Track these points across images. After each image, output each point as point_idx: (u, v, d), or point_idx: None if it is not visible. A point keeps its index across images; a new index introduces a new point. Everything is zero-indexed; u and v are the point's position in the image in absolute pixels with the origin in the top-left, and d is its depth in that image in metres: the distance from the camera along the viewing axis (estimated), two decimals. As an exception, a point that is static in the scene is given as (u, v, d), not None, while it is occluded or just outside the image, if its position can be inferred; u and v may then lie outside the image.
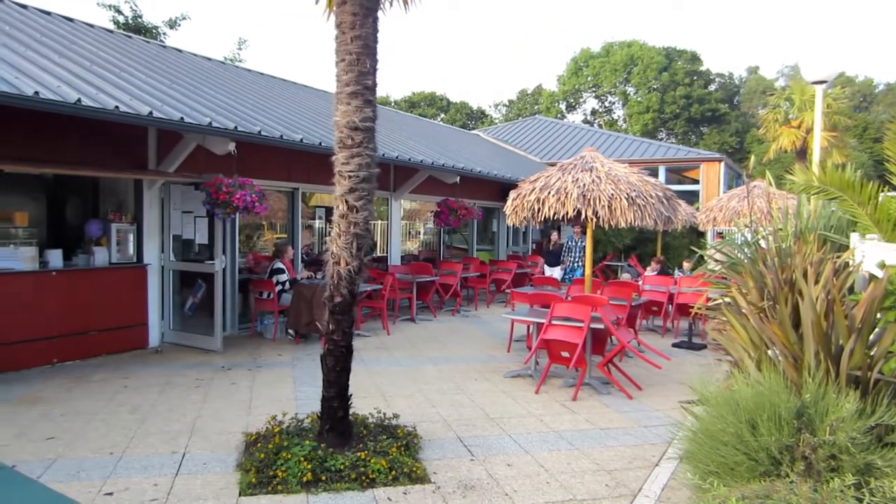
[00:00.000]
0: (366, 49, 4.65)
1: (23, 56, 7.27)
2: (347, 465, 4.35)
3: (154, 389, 6.58)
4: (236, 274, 9.80)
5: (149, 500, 4.07)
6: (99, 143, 7.96)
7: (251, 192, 7.78)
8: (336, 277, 4.75)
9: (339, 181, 4.74)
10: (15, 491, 2.22)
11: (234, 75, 13.31)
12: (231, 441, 5.13)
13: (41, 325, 7.37)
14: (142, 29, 19.95)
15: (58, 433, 5.24)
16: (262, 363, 7.89)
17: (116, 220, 8.35)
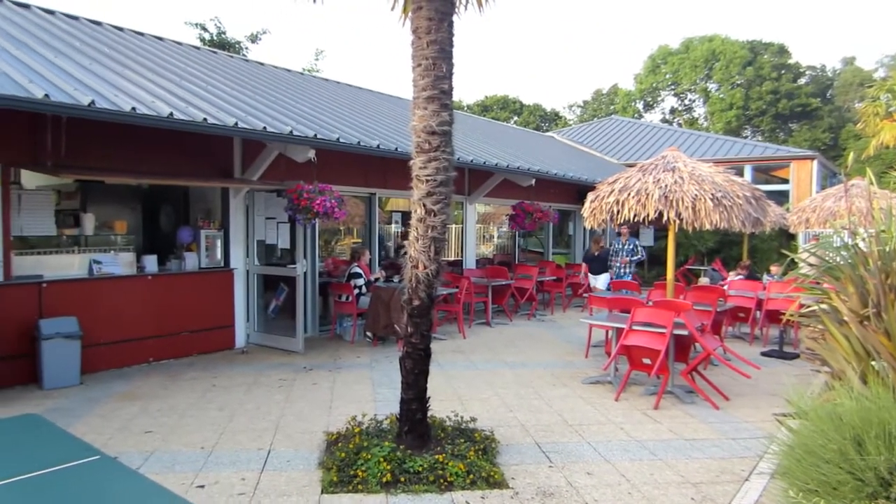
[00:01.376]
0: (441, 53, 4.68)
1: (120, 74, 7.75)
2: (426, 468, 4.38)
3: (241, 388, 6.85)
4: (316, 277, 10.08)
5: (237, 493, 4.23)
6: (189, 154, 8.38)
7: (330, 197, 7.98)
8: (414, 281, 4.80)
9: (417, 185, 4.79)
10: (118, 481, 2.36)
11: (312, 85, 13.72)
12: (313, 440, 5.26)
13: (139, 325, 7.82)
14: (226, 44, 20.90)
15: (154, 427, 5.54)
16: (341, 364, 8.07)
17: (205, 226, 8.75)
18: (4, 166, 6.76)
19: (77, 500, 2.13)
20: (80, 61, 7.69)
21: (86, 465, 2.46)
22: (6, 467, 2.37)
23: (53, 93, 5.84)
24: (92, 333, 7.18)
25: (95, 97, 6.16)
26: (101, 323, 7.39)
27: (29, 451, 2.60)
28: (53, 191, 8.31)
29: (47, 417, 4.05)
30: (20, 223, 7.08)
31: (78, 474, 2.37)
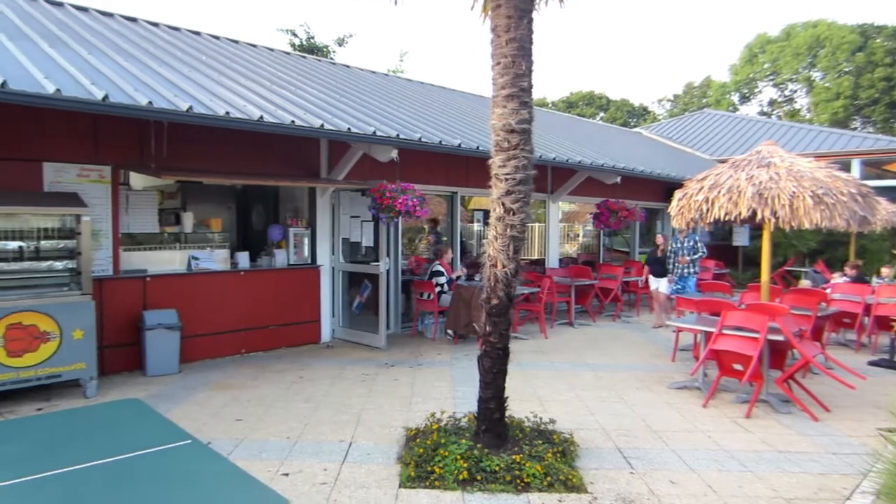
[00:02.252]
0: (521, 51, 4.65)
1: (216, 81, 8.17)
2: (503, 467, 4.37)
3: (325, 382, 7.07)
4: (399, 275, 10.26)
5: (319, 483, 4.38)
6: (279, 155, 8.72)
7: (412, 196, 8.10)
8: (493, 280, 4.79)
9: (496, 184, 4.78)
10: (207, 465, 2.49)
11: (396, 86, 13.95)
12: (392, 434, 5.36)
13: (232, 319, 8.23)
14: (314, 49, 21.61)
15: (244, 416, 5.81)
16: (422, 361, 8.18)
17: (294, 224, 9.09)
18: (114, 169, 7.28)
19: (168, 482, 2.26)
20: (180, 69, 8.17)
21: (179, 448, 2.61)
22: (108, 446, 2.56)
23: (156, 100, 6.24)
24: (190, 325, 7.62)
25: (193, 103, 6.53)
26: (197, 315, 7.83)
27: (129, 433, 2.79)
28: (157, 191, 8.86)
29: (149, 402, 4.34)
30: (128, 221, 7.61)
31: (171, 457, 2.52)
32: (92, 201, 6.88)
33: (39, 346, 6.02)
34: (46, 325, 6.05)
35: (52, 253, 6.45)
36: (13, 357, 5.88)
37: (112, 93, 5.94)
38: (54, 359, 6.09)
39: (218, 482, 2.34)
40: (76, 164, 6.99)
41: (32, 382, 6.01)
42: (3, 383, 5.84)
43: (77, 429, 2.89)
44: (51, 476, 2.26)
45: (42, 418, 3.32)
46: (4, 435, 2.90)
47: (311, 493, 4.21)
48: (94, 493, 2.15)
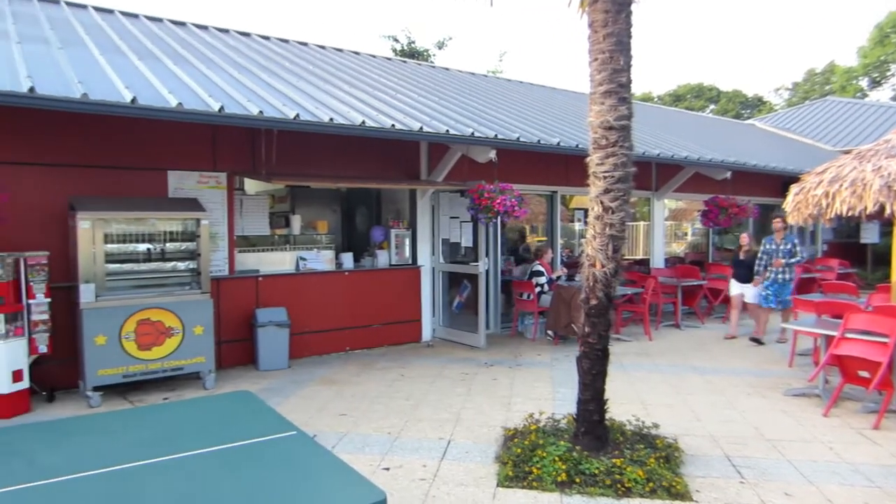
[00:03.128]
0: (619, 46, 4.54)
1: (321, 89, 8.53)
2: (602, 471, 4.29)
3: (426, 380, 7.20)
4: (499, 275, 10.28)
5: (418, 479, 4.47)
6: (381, 158, 8.97)
7: (511, 196, 8.09)
8: (591, 279, 4.71)
9: (594, 182, 4.70)
10: (311, 457, 2.61)
11: (494, 86, 13.97)
12: (491, 434, 5.38)
13: (337, 317, 8.56)
14: (415, 53, 22.05)
15: (348, 411, 6.03)
16: (521, 362, 8.15)
17: (395, 226, 9.33)
18: (229, 175, 7.77)
19: (274, 470, 2.40)
20: (288, 79, 8.60)
21: (285, 439, 2.76)
22: (220, 435, 2.74)
23: (266, 109, 6.60)
24: (298, 323, 8.00)
25: (300, 111, 6.85)
26: (305, 313, 8.21)
27: (239, 423, 2.97)
28: (268, 195, 9.37)
29: (260, 395, 4.59)
30: (242, 224, 8.09)
31: (277, 447, 2.66)
32: (210, 206, 7.38)
33: (165, 341, 6.53)
34: (171, 321, 6.56)
35: (175, 254, 6.98)
36: (143, 350, 6.41)
37: (227, 104, 6.34)
38: (177, 352, 6.59)
39: (320, 472, 2.45)
40: (196, 172, 7.52)
41: (159, 374, 6.53)
42: (135, 374, 6.38)
43: (195, 418, 3.12)
44: (171, 460, 2.45)
45: (167, 407, 3.61)
46: (136, 421, 3.18)
47: (410, 488, 4.31)
48: (208, 478, 2.31)
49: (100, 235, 6.26)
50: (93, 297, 6.18)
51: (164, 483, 2.25)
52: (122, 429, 2.94)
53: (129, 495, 2.16)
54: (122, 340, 6.29)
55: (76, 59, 6.70)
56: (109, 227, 6.45)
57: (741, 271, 9.79)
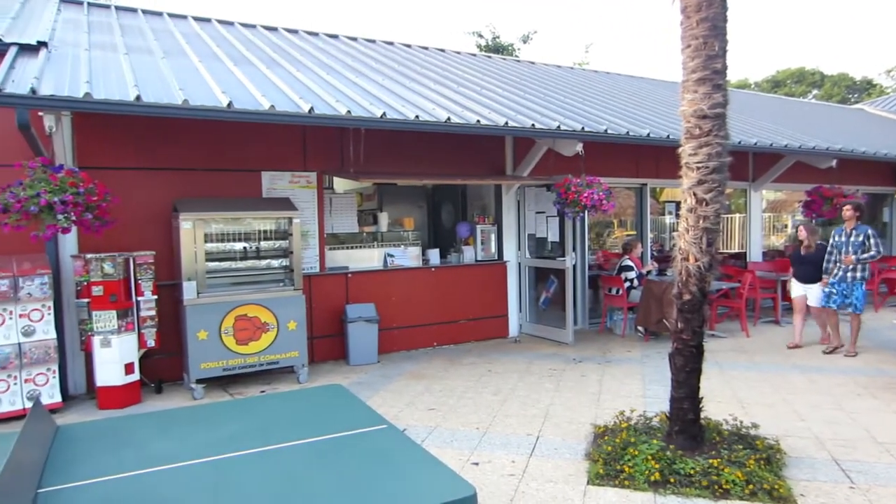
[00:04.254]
0: (713, 31, 4.33)
1: (406, 87, 8.64)
2: (698, 471, 4.12)
3: (513, 375, 7.17)
4: (586, 270, 10.09)
5: (507, 474, 4.45)
6: (466, 154, 8.99)
7: (598, 190, 7.91)
8: (684, 274, 4.53)
9: (687, 173, 4.52)
10: (401, 450, 2.65)
11: (580, 78, 13.70)
12: (580, 430, 5.29)
13: (424, 313, 8.66)
14: (499, 48, 21.95)
15: (436, 406, 6.09)
16: (610, 358, 7.96)
17: (481, 221, 9.33)
18: (319, 174, 8.01)
19: (365, 462, 2.45)
20: (374, 78, 8.76)
21: (376, 432, 2.81)
22: (314, 427, 2.82)
23: (354, 108, 6.75)
24: (386, 318, 8.15)
25: (387, 109, 6.97)
26: (393, 309, 8.35)
27: (332, 416, 3.05)
28: (356, 193, 9.59)
29: (351, 389, 4.70)
30: (331, 222, 8.33)
31: (369, 440, 2.71)
32: (301, 205, 7.64)
33: (261, 336, 6.81)
34: (266, 317, 6.83)
35: (269, 252, 7.27)
36: (241, 345, 6.72)
37: (317, 105, 6.54)
38: (273, 347, 6.86)
39: (411, 466, 2.47)
40: (287, 172, 7.80)
41: (256, 367, 6.82)
42: (234, 367, 6.70)
43: (290, 410, 3.23)
44: (269, 451, 2.55)
45: (264, 399, 3.76)
46: (235, 413, 3.33)
47: (499, 484, 4.30)
48: (302, 469, 2.39)
49: (200, 235, 6.61)
50: (195, 294, 6.53)
51: (262, 473, 2.34)
52: (225, 420, 3.08)
53: (231, 484, 2.26)
54: (222, 335, 6.62)
55: (177, 67, 7.09)
56: (209, 227, 6.79)
57: (802, 269, 8.50)
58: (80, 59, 6.60)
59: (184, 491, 2.19)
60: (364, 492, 2.19)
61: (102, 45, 7.51)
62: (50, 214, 5.20)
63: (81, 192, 5.33)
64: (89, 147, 6.71)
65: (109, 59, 6.91)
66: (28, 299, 5.92)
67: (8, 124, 5.72)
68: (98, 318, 6.17)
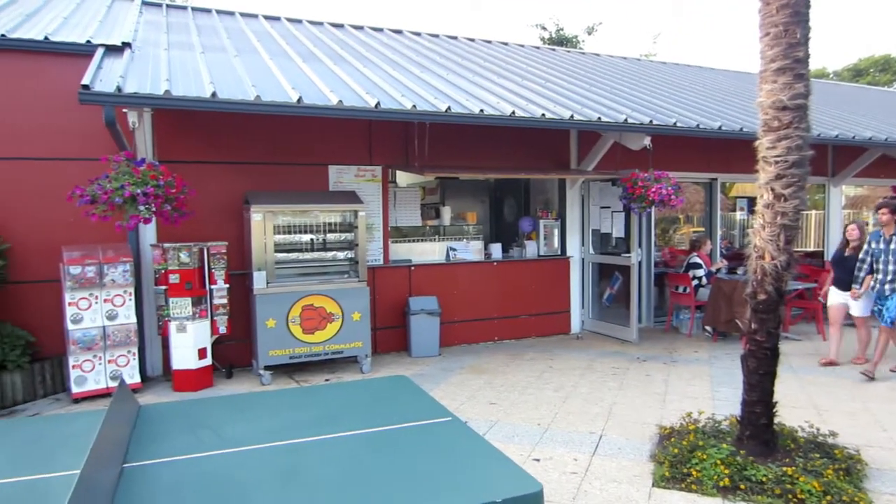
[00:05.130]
0: (795, 17, 4.14)
1: (471, 81, 8.63)
2: (771, 479, 3.97)
3: (575, 372, 7.08)
4: (652, 267, 9.86)
5: (569, 472, 4.41)
6: (529, 148, 8.92)
7: (667, 185, 7.71)
8: (760, 272, 4.37)
9: (764, 168, 4.34)
10: (466, 442, 2.66)
11: (648, 70, 13.36)
12: (645, 431, 5.18)
13: (485, 307, 8.66)
14: (563, 40, 21.65)
15: (497, 400, 6.09)
16: (676, 358, 7.76)
17: (544, 216, 9.24)
18: (384, 168, 8.10)
19: (429, 453, 2.47)
20: (439, 73, 8.79)
21: (440, 424, 2.83)
22: (379, 417, 2.87)
23: (419, 103, 6.80)
24: (447, 312, 8.19)
25: (451, 103, 6.98)
26: (454, 303, 8.39)
27: (397, 407, 3.09)
28: (419, 187, 9.66)
29: (413, 381, 4.76)
30: (395, 216, 8.43)
31: (434, 432, 2.73)
32: (366, 198, 7.75)
33: (326, 326, 6.96)
34: (332, 307, 6.98)
35: (335, 244, 7.41)
36: (307, 334, 6.88)
37: (383, 100, 6.61)
38: (337, 337, 7.00)
39: (476, 459, 2.48)
40: (353, 166, 7.92)
41: (321, 356, 6.98)
42: (300, 355, 6.87)
43: (356, 399, 3.29)
44: (335, 438, 2.61)
45: (330, 388, 3.85)
46: (304, 399, 3.41)
47: (561, 481, 4.26)
48: (368, 457, 2.43)
49: (270, 227, 6.80)
50: (264, 283, 6.73)
51: (329, 459, 2.40)
52: (293, 406, 3.16)
53: (301, 469, 2.32)
54: (289, 324, 6.80)
55: (249, 65, 7.30)
56: (278, 219, 6.98)
57: (845, 274, 7.30)
58: (161, 58, 6.88)
59: (257, 473, 2.26)
60: (431, 482, 2.21)
61: (180, 45, 7.81)
62: (133, 205, 5.46)
63: (161, 184, 5.57)
64: (167, 142, 7.00)
65: (187, 58, 7.18)
66: (112, 285, 6.24)
67: (93, 121, 6.04)
68: (174, 305, 6.45)
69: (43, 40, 6.59)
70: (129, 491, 2.11)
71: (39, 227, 6.57)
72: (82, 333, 6.11)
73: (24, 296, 6.54)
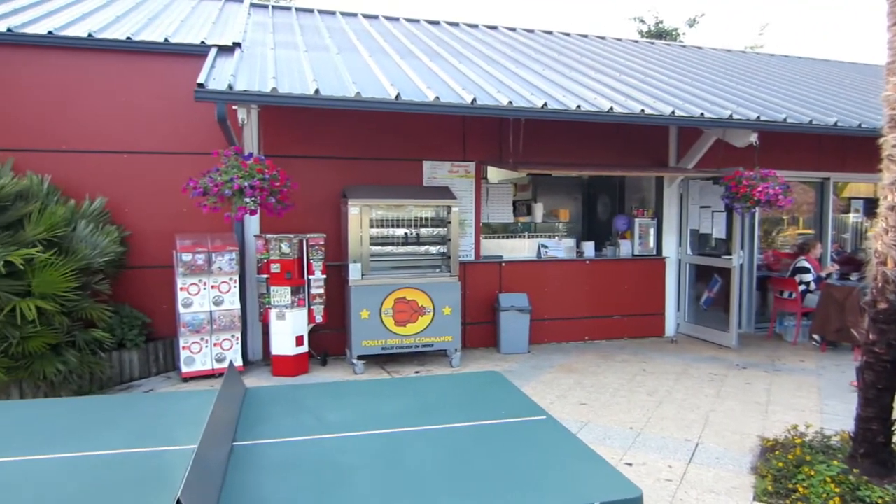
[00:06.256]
0: (932, 4, 3.82)
1: (567, 76, 8.50)
2: (888, 501, 3.70)
3: (669, 377, 6.86)
4: (754, 270, 9.39)
5: (663, 479, 4.28)
6: (625, 145, 8.69)
7: (774, 184, 7.31)
8: (881, 280, 4.07)
9: (888, 167, 4.04)
10: (561, 442, 2.63)
11: (754, 63, 12.70)
12: (745, 442, 4.95)
13: (576, 306, 8.53)
14: (663, 33, 20.92)
15: (588, 401, 5.99)
16: (780, 367, 7.36)
17: (639, 215, 8.99)
18: (477, 165, 8.13)
19: (524, 451, 2.46)
20: (534, 68, 8.71)
21: (535, 422, 2.81)
22: (472, 411, 2.89)
23: (515, 99, 6.77)
24: (538, 309, 8.13)
25: (547, 99, 6.91)
26: (544, 301, 8.31)
27: (490, 402, 3.10)
28: (511, 184, 9.62)
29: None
30: (487, 212, 8.44)
31: (528, 429, 2.72)
32: (459, 194, 7.80)
33: (418, 319, 7.07)
34: (423, 300, 7.08)
35: (428, 239, 7.51)
36: (399, 326, 7.02)
37: (479, 96, 6.63)
38: (428, 330, 7.10)
39: (572, 460, 2.45)
40: (447, 162, 7.99)
41: (411, 349, 7.10)
42: (392, 347, 7.02)
43: (450, 392, 3.33)
44: (430, 430, 2.65)
45: (423, 380, 3.91)
46: (398, 390, 3.49)
47: (654, 488, 4.15)
48: (464, 450, 2.45)
49: (366, 220, 6.98)
50: (359, 275, 6.92)
51: (428, 449, 2.43)
52: (387, 395, 3.24)
53: (400, 456, 2.37)
54: (382, 316, 6.96)
55: (349, 62, 7.50)
56: (373, 212, 7.15)
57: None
58: (267, 57, 7.20)
59: (357, 458, 2.33)
60: (529, 479, 2.20)
61: (285, 44, 8.14)
62: (240, 197, 5.75)
63: (267, 177, 5.84)
64: (272, 137, 7.31)
65: (291, 57, 7.47)
66: (219, 272, 6.61)
67: (205, 118, 6.41)
68: (275, 293, 6.74)
69: (163, 42, 7.04)
70: (239, 468, 2.23)
71: (155, 216, 7.04)
72: (191, 317, 6.51)
73: (141, 280, 7.04)
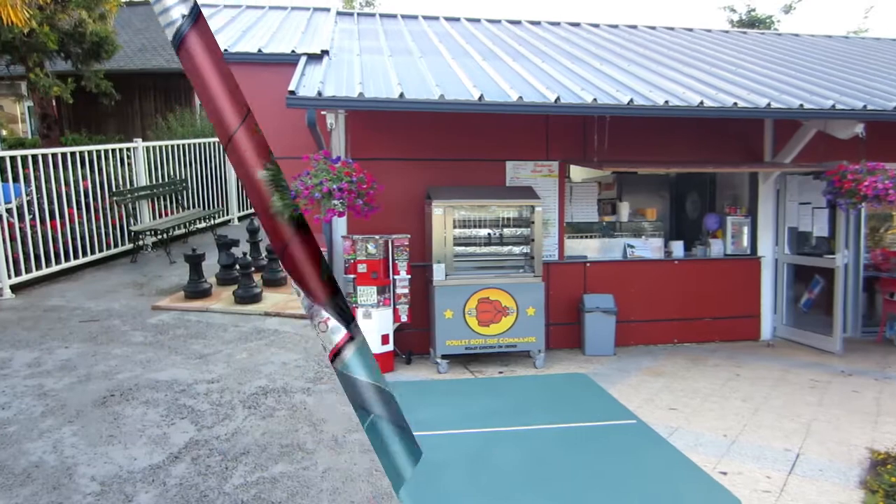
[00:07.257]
0: None
1: (653, 71, 8.26)
2: None
3: (766, 383, 6.54)
4: (860, 270, 8.80)
5: (761, 490, 4.08)
6: (715, 140, 8.34)
7: (884, 177, 6.83)
8: None
9: None
10: (654, 449, 2.58)
11: (858, 48, 11.89)
12: (852, 454, 4.66)
13: (664, 307, 8.27)
14: (755, 22, 19.98)
15: (678, 406, 5.78)
16: (891, 374, 6.88)
17: (732, 213, 8.61)
18: (560, 164, 8.03)
19: (613, 455, 2.42)
20: (619, 64, 8.52)
21: (624, 426, 2.77)
22: (561, 413, 2.87)
23: (600, 96, 6.65)
24: (623, 311, 7.93)
25: (633, 95, 6.74)
26: (631, 302, 8.10)
27: (578, 404, 3.07)
28: (595, 182, 9.44)
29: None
30: (571, 211, 8.33)
31: (618, 434, 2.69)
32: (542, 194, 7.73)
33: (501, 319, 7.06)
34: (506, 301, 7.07)
35: (511, 239, 7.49)
36: (482, 326, 7.04)
37: (562, 94, 6.56)
38: (511, 331, 7.08)
39: (662, 467, 2.39)
40: (530, 161, 7.94)
41: (495, 349, 7.09)
42: (475, 347, 7.04)
43: (537, 393, 3.32)
44: (521, 431, 2.65)
45: (505, 380, 3.91)
46: (484, 389, 3.51)
47: (751, 499, 3.95)
48: (555, 455, 2.43)
49: (450, 221, 7.04)
50: (443, 275, 6.99)
51: (518, 451, 2.44)
52: (474, 395, 3.26)
53: (490, 457, 2.38)
54: (466, 316, 7.00)
55: (432, 65, 7.59)
56: (457, 213, 7.20)
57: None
58: (354, 63, 7.39)
59: (450, 456, 2.37)
60: (619, 487, 2.17)
61: (370, 50, 8.33)
62: (329, 200, 5.93)
63: (354, 180, 6.00)
64: (359, 140, 7.50)
65: (376, 62, 7.64)
66: (308, 274, 6.84)
67: (296, 123, 6.65)
68: (361, 293, 6.91)
69: (257, 52, 7.37)
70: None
71: (250, 219, 7.36)
72: (284, 316, 6.77)
73: (237, 280, 7.37)
